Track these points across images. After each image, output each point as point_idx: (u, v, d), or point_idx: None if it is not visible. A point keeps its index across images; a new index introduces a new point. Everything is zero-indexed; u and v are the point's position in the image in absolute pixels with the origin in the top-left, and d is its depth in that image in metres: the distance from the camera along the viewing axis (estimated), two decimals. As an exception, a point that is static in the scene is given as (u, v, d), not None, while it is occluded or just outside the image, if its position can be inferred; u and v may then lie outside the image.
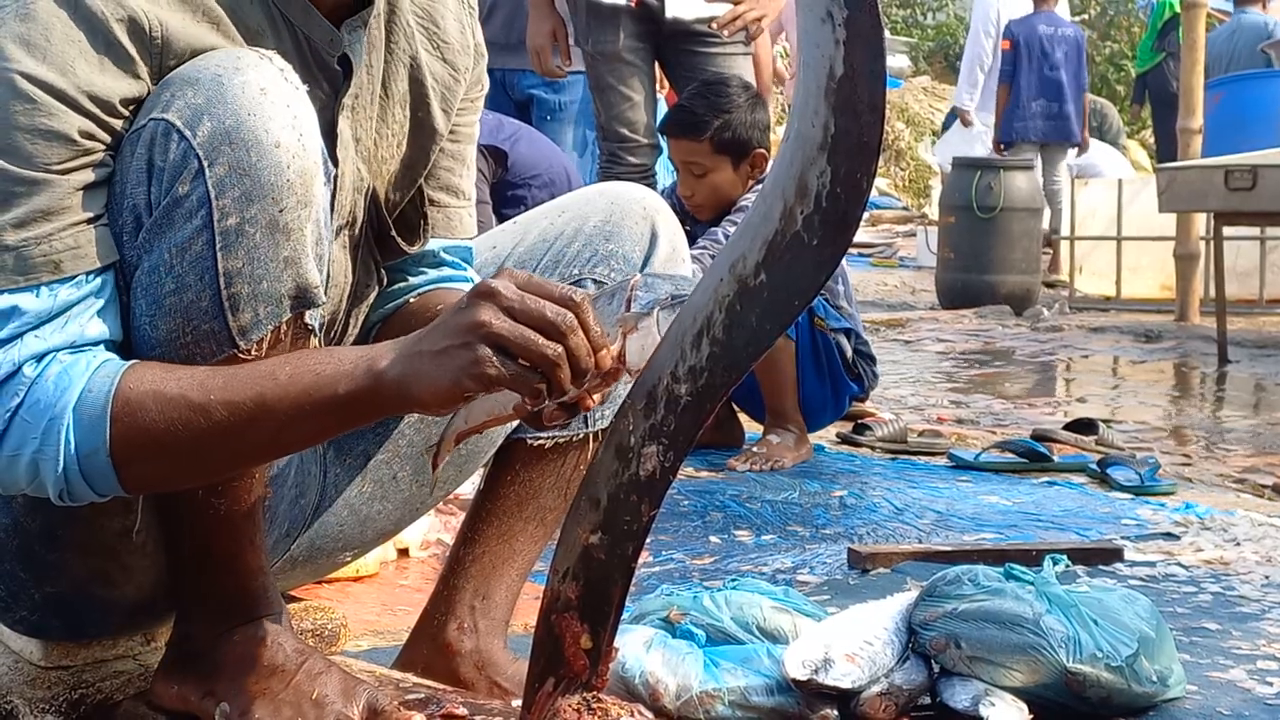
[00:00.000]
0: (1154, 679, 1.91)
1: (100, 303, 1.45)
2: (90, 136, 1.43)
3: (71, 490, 1.43)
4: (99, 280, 1.45)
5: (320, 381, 1.40)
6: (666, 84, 5.03)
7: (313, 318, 1.50)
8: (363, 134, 1.68)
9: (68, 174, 1.42)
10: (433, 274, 1.82)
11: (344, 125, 1.64)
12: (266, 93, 1.43)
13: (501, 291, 1.36)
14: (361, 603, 2.44)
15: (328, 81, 1.60)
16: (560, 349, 1.36)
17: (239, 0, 1.53)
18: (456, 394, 1.37)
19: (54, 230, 1.42)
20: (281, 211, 1.43)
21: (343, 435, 1.81)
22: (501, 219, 3.99)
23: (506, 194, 4.79)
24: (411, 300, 1.80)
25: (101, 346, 1.45)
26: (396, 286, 1.81)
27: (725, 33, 4.32)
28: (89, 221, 1.44)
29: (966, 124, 11.05)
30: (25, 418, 1.41)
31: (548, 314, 1.36)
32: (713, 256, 3.25)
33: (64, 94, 1.41)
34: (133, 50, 1.44)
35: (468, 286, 1.82)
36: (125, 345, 1.47)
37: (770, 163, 3.51)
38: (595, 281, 1.83)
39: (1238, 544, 2.96)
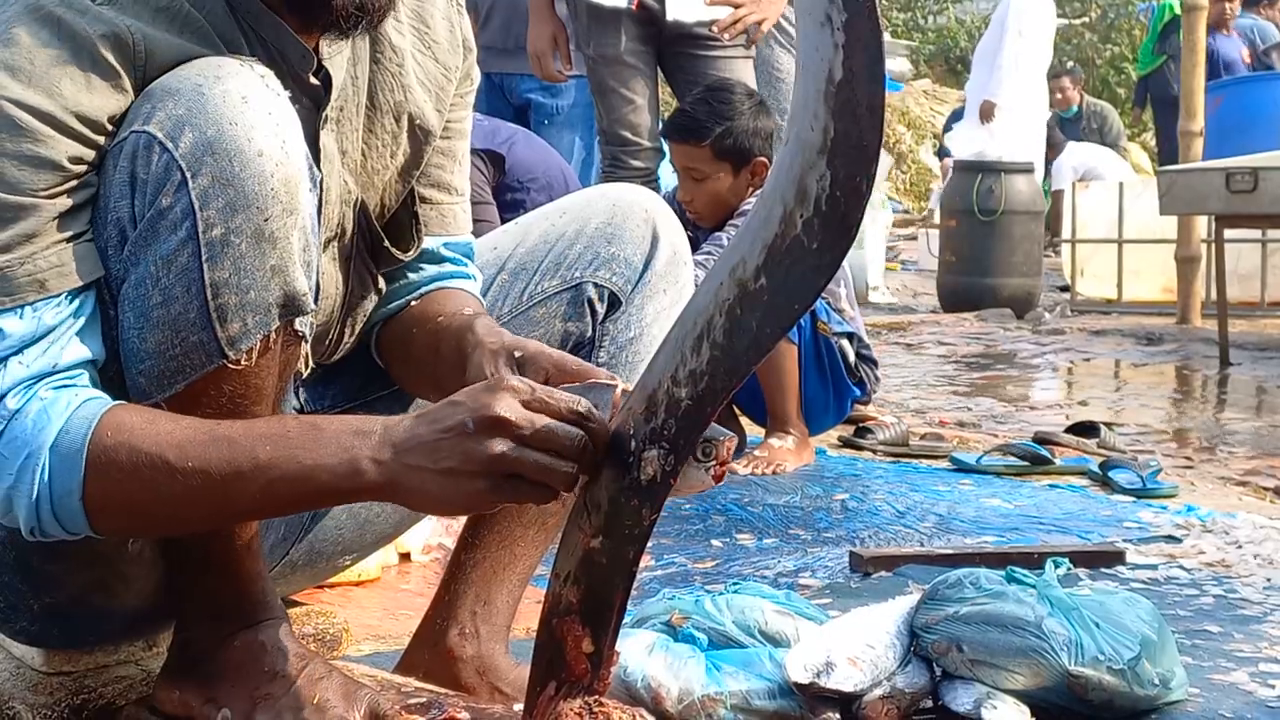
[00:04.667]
0: (1156, 682, 1.91)
1: (81, 322, 1.44)
2: (79, 160, 1.42)
3: (43, 527, 1.42)
4: (79, 299, 1.44)
5: (300, 470, 1.39)
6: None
7: (303, 325, 1.50)
8: (349, 146, 1.67)
9: (54, 198, 1.42)
10: (432, 270, 1.81)
11: (327, 139, 1.63)
12: (248, 101, 1.43)
13: (511, 420, 1.35)
14: (363, 607, 2.44)
15: (308, 97, 1.59)
16: (575, 468, 1.36)
17: (217, 16, 1.52)
18: (463, 514, 1.37)
19: (38, 250, 1.41)
20: (267, 220, 1.43)
21: None
22: (500, 223, 3.99)
23: (504, 198, 4.79)
24: (414, 303, 1.79)
25: (85, 375, 1.44)
26: (396, 285, 1.80)
27: (726, 36, 4.32)
28: (72, 239, 1.43)
29: (988, 118, 10.96)
30: (2, 452, 1.40)
31: (561, 437, 1.35)
32: (715, 261, 3.24)
33: (51, 117, 1.40)
34: (117, 65, 1.43)
35: (468, 284, 1.82)
36: (107, 370, 1.47)
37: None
38: (596, 285, 1.83)
39: (1239, 546, 2.95)
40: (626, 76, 4.50)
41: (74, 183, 1.43)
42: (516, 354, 1.57)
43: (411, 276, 1.80)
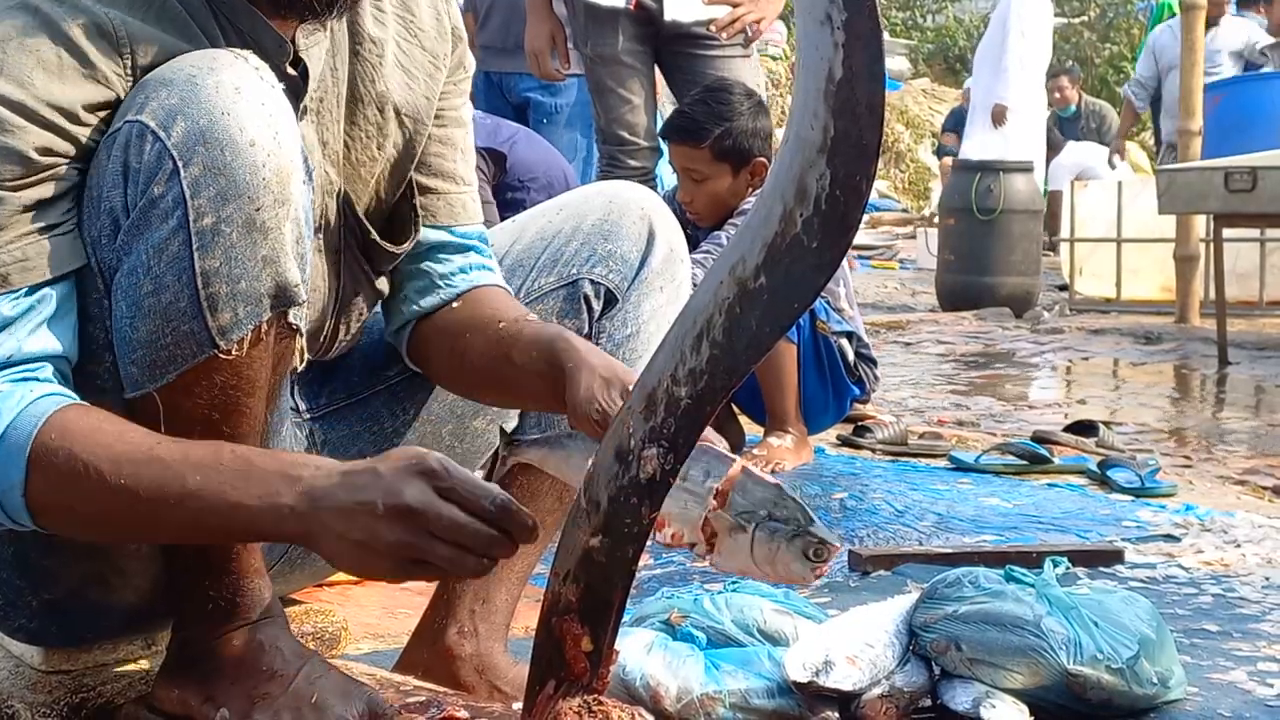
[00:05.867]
0: (1154, 681, 1.91)
1: (44, 316, 1.43)
2: (49, 152, 1.42)
3: None
4: (46, 292, 1.43)
5: (224, 505, 1.38)
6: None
7: (297, 316, 1.49)
8: (329, 138, 1.67)
9: (19, 191, 1.41)
10: (459, 260, 1.79)
11: (307, 130, 1.63)
12: (241, 91, 1.43)
13: (419, 511, 1.35)
14: (362, 606, 2.44)
15: (285, 86, 1.58)
16: (484, 562, 1.37)
17: (193, 5, 1.52)
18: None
19: (2, 243, 1.41)
20: (258, 210, 1.43)
21: (337, 438, 1.81)
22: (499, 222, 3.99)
23: (505, 197, 4.79)
24: (455, 305, 1.77)
25: (48, 367, 1.44)
26: (424, 282, 1.78)
27: (724, 35, 4.32)
28: (40, 233, 1.43)
29: (1000, 122, 10.95)
30: None
31: (466, 536, 1.35)
32: (714, 260, 3.24)
33: (22, 106, 1.40)
34: (96, 54, 1.43)
35: (501, 280, 1.80)
36: (101, 361, 1.46)
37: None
38: (592, 282, 1.82)
39: (1238, 545, 2.95)
40: (624, 76, 4.50)
41: (44, 175, 1.42)
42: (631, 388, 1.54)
43: (439, 268, 1.78)
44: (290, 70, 1.59)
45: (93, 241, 1.45)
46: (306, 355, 1.63)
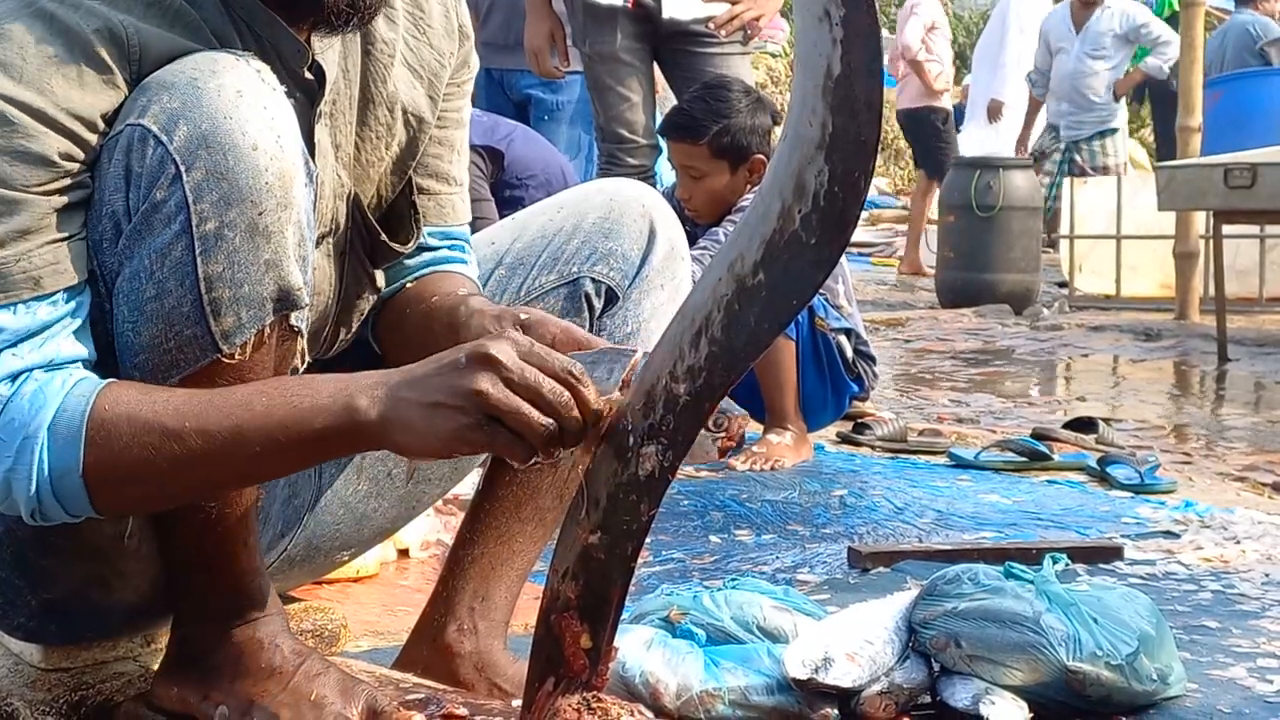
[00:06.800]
0: (1154, 677, 1.91)
1: (78, 322, 1.44)
2: (69, 157, 1.42)
3: (44, 510, 1.42)
4: (77, 298, 1.44)
5: (297, 415, 1.40)
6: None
7: (298, 320, 1.49)
8: (342, 140, 1.67)
9: (48, 195, 1.41)
10: (427, 256, 1.82)
11: (321, 134, 1.63)
12: (243, 95, 1.43)
13: (502, 361, 1.36)
14: (362, 603, 2.44)
15: (302, 91, 1.58)
16: (554, 424, 1.36)
17: (209, 11, 1.52)
18: (442, 453, 1.39)
19: (33, 247, 1.41)
20: (261, 214, 1.43)
21: None
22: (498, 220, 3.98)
23: (503, 194, 4.79)
24: (408, 285, 1.80)
25: (79, 365, 1.44)
26: (391, 271, 1.80)
27: (722, 33, 4.32)
28: (68, 238, 1.43)
29: (996, 118, 10.96)
30: (0, 435, 1.40)
31: (545, 392, 1.36)
32: (713, 257, 3.24)
33: (43, 114, 1.40)
34: (111, 61, 1.43)
35: (464, 269, 1.82)
36: (103, 364, 1.46)
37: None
38: (593, 280, 1.83)
39: (1238, 542, 2.96)
40: (623, 74, 4.51)
41: (67, 180, 1.42)
42: (522, 316, 1.57)
43: (407, 263, 1.80)
44: (307, 75, 1.59)
45: (94, 245, 1.45)
46: (307, 357, 1.63)
